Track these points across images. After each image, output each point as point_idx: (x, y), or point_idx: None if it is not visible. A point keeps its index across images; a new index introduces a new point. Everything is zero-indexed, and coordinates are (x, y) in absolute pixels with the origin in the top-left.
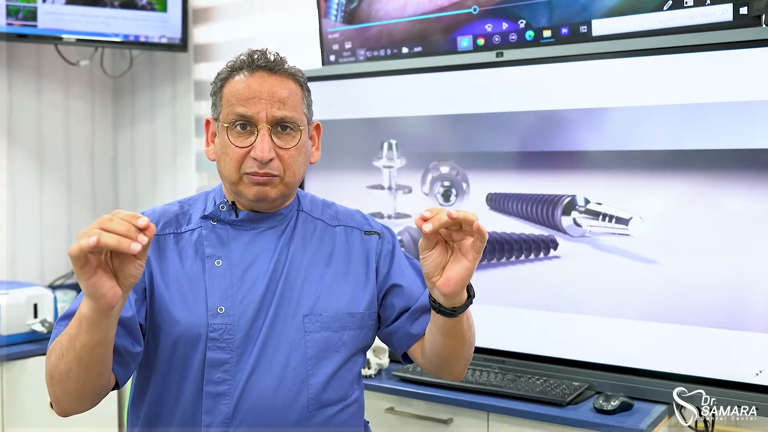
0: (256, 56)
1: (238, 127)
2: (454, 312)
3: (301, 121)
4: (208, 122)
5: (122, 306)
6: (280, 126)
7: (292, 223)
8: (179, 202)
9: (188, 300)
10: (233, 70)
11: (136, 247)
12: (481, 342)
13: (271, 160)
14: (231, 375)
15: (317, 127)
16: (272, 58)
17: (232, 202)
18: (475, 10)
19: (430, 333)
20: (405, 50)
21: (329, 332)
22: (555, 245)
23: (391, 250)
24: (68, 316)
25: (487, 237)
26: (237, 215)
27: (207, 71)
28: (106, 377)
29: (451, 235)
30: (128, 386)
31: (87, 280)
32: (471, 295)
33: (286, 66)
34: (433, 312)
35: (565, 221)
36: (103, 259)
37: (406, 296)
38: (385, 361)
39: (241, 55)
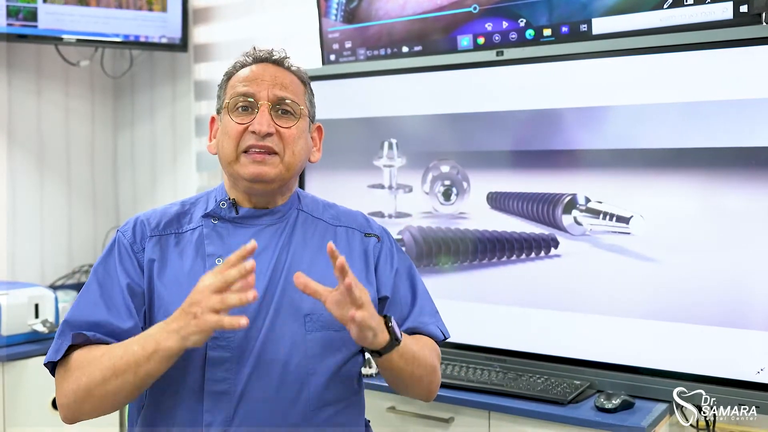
0: (261, 52)
1: (240, 108)
2: (379, 353)
3: (302, 109)
4: (213, 119)
5: None
6: (281, 109)
7: (292, 222)
8: (181, 201)
9: None
10: (239, 65)
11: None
12: (482, 341)
13: (270, 135)
14: (232, 374)
15: (319, 128)
16: (276, 55)
17: (233, 200)
18: (475, 9)
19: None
20: (405, 49)
21: (330, 332)
22: (556, 244)
23: (389, 257)
24: (74, 325)
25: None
26: (237, 212)
27: (207, 71)
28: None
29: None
30: None
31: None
32: (394, 337)
33: (290, 63)
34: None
35: (566, 220)
36: None
37: (398, 311)
38: None
39: (247, 52)
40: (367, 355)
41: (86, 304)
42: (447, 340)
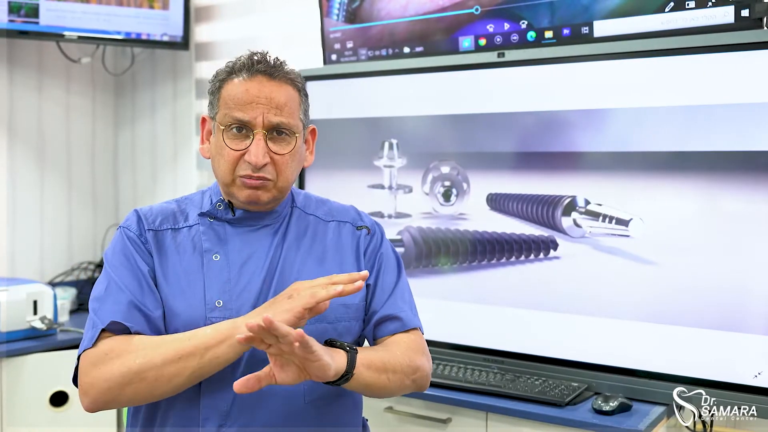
0: (256, 59)
1: (234, 130)
2: (345, 376)
3: (297, 127)
4: (204, 120)
5: None
6: (276, 131)
7: (286, 220)
8: (176, 200)
9: (187, 293)
10: (232, 71)
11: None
12: (480, 342)
13: (265, 165)
14: (229, 370)
15: (313, 131)
16: (272, 63)
17: (229, 201)
18: (476, 10)
19: None
20: (406, 50)
21: (324, 323)
22: (555, 246)
23: (378, 247)
24: (99, 298)
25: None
26: (234, 214)
27: (208, 69)
28: None
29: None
30: None
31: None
32: (348, 348)
33: (285, 70)
34: None
35: (566, 222)
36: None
37: (377, 299)
38: None
39: (241, 56)
40: None
41: (116, 291)
42: (446, 341)
